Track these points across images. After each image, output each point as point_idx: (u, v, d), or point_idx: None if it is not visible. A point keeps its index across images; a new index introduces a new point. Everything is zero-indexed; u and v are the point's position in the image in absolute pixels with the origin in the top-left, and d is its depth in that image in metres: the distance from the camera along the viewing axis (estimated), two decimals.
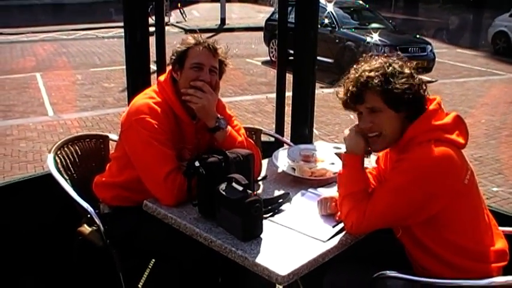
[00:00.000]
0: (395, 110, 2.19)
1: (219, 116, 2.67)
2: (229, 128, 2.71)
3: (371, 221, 2.16)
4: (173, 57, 2.68)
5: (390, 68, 2.19)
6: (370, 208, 2.15)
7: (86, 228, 2.97)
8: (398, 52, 2.01)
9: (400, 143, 2.23)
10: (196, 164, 2.33)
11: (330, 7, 13.08)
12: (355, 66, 2.30)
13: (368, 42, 11.81)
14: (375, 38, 12.02)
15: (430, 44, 12.38)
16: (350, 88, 2.22)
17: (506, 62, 15.32)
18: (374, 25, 13.48)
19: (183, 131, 2.69)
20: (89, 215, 2.82)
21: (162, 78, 2.74)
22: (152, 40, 3.43)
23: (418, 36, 13.47)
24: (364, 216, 2.15)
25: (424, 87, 2.24)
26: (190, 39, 2.69)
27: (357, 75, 2.22)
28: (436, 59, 12.16)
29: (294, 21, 3.71)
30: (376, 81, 2.16)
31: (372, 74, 2.18)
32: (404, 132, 2.20)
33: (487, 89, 11.58)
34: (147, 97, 2.65)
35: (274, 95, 9.48)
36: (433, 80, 11.90)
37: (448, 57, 15.21)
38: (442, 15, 26.52)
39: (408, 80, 2.18)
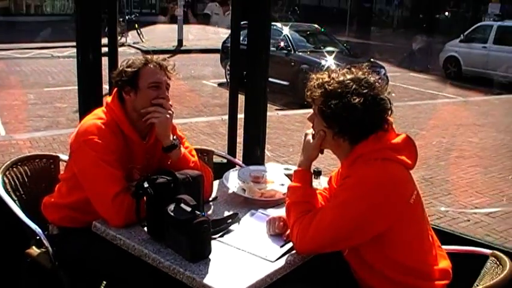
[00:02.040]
0: (328, 126, 2.27)
1: (173, 136, 2.69)
2: (182, 148, 2.72)
3: (315, 236, 2.17)
4: (122, 78, 2.67)
5: (331, 86, 2.25)
6: (315, 223, 2.18)
7: (35, 250, 2.91)
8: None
9: (348, 159, 2.27)
10: (145, 184, 2.33)
11: (286, 30, 13.25)
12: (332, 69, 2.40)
13: (323, 66, 11.97)
14: (329, 61, 12.20)
15: (384, 68, 12.64)
16: (309, 85, 2.35)
17: (456, 85, 15.75)
18: (329, 48, 13.67)
19: (133, 150, 2.70)
20: (37, 237, 2.77)
21: (109, 99, 2.75)
22: (105, 61, 3.43)
23: (372, 59, 13.73)
24: (308, 230, 2.18)
25: (379, 116, 2.25)
26: (139, 59, 2.72)
27: (321, 76, 2.32)
28: (390, 83, 12.41)
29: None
30: (317, 93, 2.27)
31: (323, 84, 2.27)
32: (353, 149, 2.25)
33: (438, 112, 11.88)
34: (95, 117, 2.65)
35: None
36: None
37: (401, 81, 15.55)
38: (395, 39, 27.16)
39: (342, 109, 2.20)
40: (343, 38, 19.81)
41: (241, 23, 3.82)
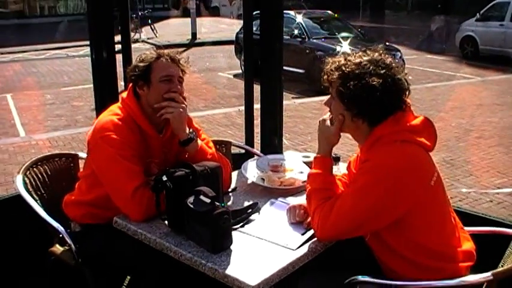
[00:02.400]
0: (347, 109, 2.25)
1: (189, 128, 2.69)
2: (199, 140, 2.72)
3: (336, 221, 2.16)
4: (135, 73, 2.68)
5: (359, 70, 2.23)
6: (336, 209, 2.16)
7: (58, 248, 2.94)
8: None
9: (367, 142, 2.25)
10: (164, 178, 2.34)
11: (300, 18, 13.18)
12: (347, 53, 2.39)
13: (338, 52, 11.88)
14: (344, 46, 12.12)
15: (399, 51, 12.50)
16: (325, 69, 2.34)
17: (474, 65, 15.57)
18: (343, 34, 13.57)
19: (150, 145, 2.70)
20: (60, 235, 2.80)
21: (124, 94, 2.76)
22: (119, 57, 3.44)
23: (387, 43, 13.60)
24: (329, 215, 2.16)
25: (397, 96, 2.23)
26: (151, 53, 2.72)
27: (337, 59, 2.32)
28: (406, 65, 12.29)
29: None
30: (335, 75, 2.26)
31: (341, 66, 2.27)
32: (371, 132, 2.22)
33: (456, 93, 11.75)
34: (111, 114, 2.66)
35: None
36: None
37: (417, 63, 15.42)
38: (410, 21, 26.88)
39: (361, 89, 2.19)
40: (357, 23, 19.63)
41: (254, 13, 3.81)
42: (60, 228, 2.76)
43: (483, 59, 16.34)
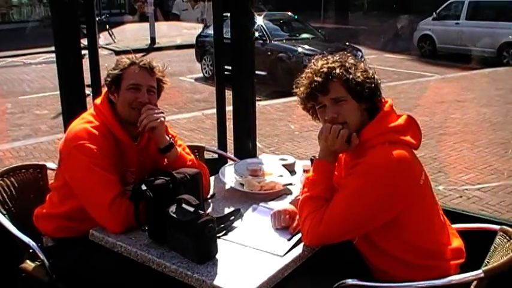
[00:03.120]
0: (357, 100, 2.19)
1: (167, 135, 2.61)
2: (177, 147, 2.65)
3: (327, 228, 2.12)
4: (108, 79, 2.59)
5: (347, 62, 2.22)
6: (327, 215, 2.12)
7: (29, 264, 2.80)
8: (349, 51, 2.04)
9: (356, 150, 2.21)
10: (143, 187, 2.25)
11: (260, 20, 13.16)
12: (309, 65, 2.31)
13: (300, 53, 11.93)
14: (306, 47, 12.16)
15: (361, 50, 12.63)
16: (315, 78, 2.20)
17: (432, 63, 15.85)
18: (304, 35, 13.67)
19: (125, 153, 2.61)
20: (31, 250, 2.67)
21: (98, 101, 2.66)
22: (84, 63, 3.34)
23: (347, 43, 13.71)
24: (320, 223, 2.12)
25: (379, 82, 2.26)
26: (125, 59, 2.62)
27: (317, 68, 2.22)
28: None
29: (227, 35, 3.69)
30: (338, 71, 2.18)
31: (333, 65, 2.20)
32: (359, 135, 2.19)
33: (417, 91, 11.89)
34: (84, 121, 2.56)
35: (210, 111, 9.42)
36: None
37: (377, 62, 15.54)
38: (368, 22, 27.18)
39: (366, 72, 2.21)
40: (317, 25, 19.75)
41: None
42: (32, 243, 2.63)
43: (440, 57, 16.71)
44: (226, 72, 3.82)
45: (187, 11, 29.93)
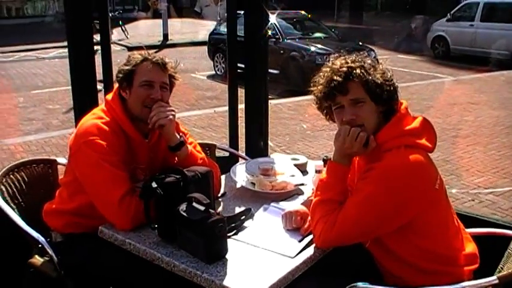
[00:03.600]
0: (376, 102, 2.15)
1: (178, 133, 2.59)
2: (188, 145, 2.63)
3: (340, 233, 2.09)
4: (120, 75, 2.57)
5: (366, 62, 2.18)
6: (340, 219, 2.09)
7: (38, 260, 2.79)
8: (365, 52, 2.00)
9: (371, 152, 2.17)
10: (153, 185, 2.23)
11: (273, 18, 13.12)
12: (326, 64, 2.26)
13: (312, 52, 11.89)
14: (319, 47, 12.12)
15: (373, 51, 12.55)
16: (334, 77, 2.14)
17: (445, 65, 15.72)
18: (317, 34, 13.63)
19: (135, 150, 2.59)
20: (40, 245, 2.65)
21: (109, 96, 2.64)
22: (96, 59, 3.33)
23: (360, 43, 13.65)
24: (333, 227, 2.09)
25: (397, 85, 2.22)
26: (137, 55, 2.60)
27: (336, 67, 2.18)
28: None
29: (241, 33, 3.67)
30: (358, 71, 2.13)
31: (353, 65, 2.15)
32: (374, 137, 2.15)
33: (430, 92, 11.80)
34: (95, 117, 2.54)
35: (222, 109, 9.40)
36: None
37: (390, 63, 15.42)
38: (382, 22, 27.08)
39: (385, 74, 2.17)
40: (331, 24, 19.69)
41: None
42: (41, 238, 2.61)
43: (454, 58, 16.56)
44: (238, 70, 3.80)
45: (209, 7, 29.74)
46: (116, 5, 30.75)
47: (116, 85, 2.63)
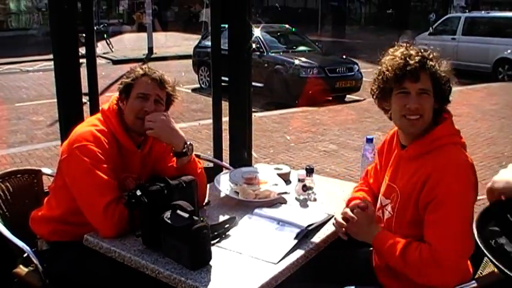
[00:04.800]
0: (436, 98, 2.17)
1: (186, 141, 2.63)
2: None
3: (460, 247, 2.03)
4: (120, 86, 2.65)
5: (434, 57, 2.19)
6: (444, 243, 2.02)
7: (22, 269, 2.80)
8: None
9: (423, 141, 2.17)
10: (138, 192, 2.26)
11: (258, 32, 13.22)
12: (391, 50, 2.26)
13: (296, 65, 11.98)
14: (303, 60, 12.21)
15: (357, 64, 12.67)
16: (410, 62, 2.13)
17: None
18: (301, 48, 13.73)
19: (128, 159, 2.64)
20: (24, 255, 2.68)
21: (105, 106, 2.69)
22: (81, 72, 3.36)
23: (344, 57, 13.77)
24: (441, 261, 2.01)
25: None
26: (139, 70, 2.66)
27: (408, 53, 2.18)
28: (363, 78, 12.44)
29: (225, 46, 3.72)
30: (431, 63, 2.15)
31: (425, 55, 2.16)
32: (431, 130, 2.17)
33: None
34: (89, 125, 2.60)
35: (206, 122, 9.39)
36: (362, 98, 12.20)
37: (373, 76, 15.52)
38: (365, 35, 27.32)
39: (448, 73, 2.19)
40: (314, 38, 19.80)
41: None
42: (26, 247, 2.62)
43: None
44: (223, 83, 3.85)
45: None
46: (100, 18, 30.74)
47: (114, 95, 2.70)
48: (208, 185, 2.99)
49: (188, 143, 2.64)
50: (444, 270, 2.00)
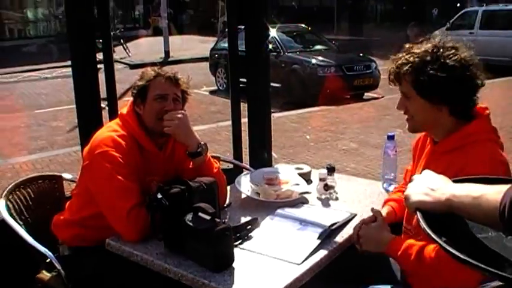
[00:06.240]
0: (427, 99, 2.13)
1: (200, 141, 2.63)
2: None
3: None
4: (134, 91, 2.64)
5: (430, 56, 2.12)
6: None
7: (45, 275, 2.82)
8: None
9: (453, 138, 2.15)
10: (159, 195, 2.25)
11: (274, 32, 13.20)
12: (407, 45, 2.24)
13: (314, 64, 11.95)
14: (320, 59, 12.17)
15: (374, 62, 12.59)
16: (392, 67, 2.20)
17: None
18: (318, 47, 13.70)
19: (150, 162, 2.63)
20: (47, 260, 2.68)
21: (124, 110, 2.69)
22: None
23: (361, 54, 13.71)
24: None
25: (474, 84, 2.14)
26: (150, 71, 2.66)
27: (400, 55, 2.20)
28: (381, 76, 12.35)
29: (242, 48, 3.71)
30: (406, 68, 2.13)
31: (408, 58, 2.14)
32: (461, 127, 2.14)
33: None
34: (110, 130, 2.60)
35: (225, 123, 9.41)
36: (380, 96, 12.13)
37: None
38: (381, 33, 27.15)
39: (441, 71, 2.08)
40: (331, 36, 19.75)
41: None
42: (48, 253, 2.63)
43: None
44: (240, 85, 3.84)
45: None
46: (116, 23, 30.94)
47: (130, 100, 2.69)
48: (229, 187, 2.98)
49: (202, 142, 2.63)
50: (466, 269, 1.94)
